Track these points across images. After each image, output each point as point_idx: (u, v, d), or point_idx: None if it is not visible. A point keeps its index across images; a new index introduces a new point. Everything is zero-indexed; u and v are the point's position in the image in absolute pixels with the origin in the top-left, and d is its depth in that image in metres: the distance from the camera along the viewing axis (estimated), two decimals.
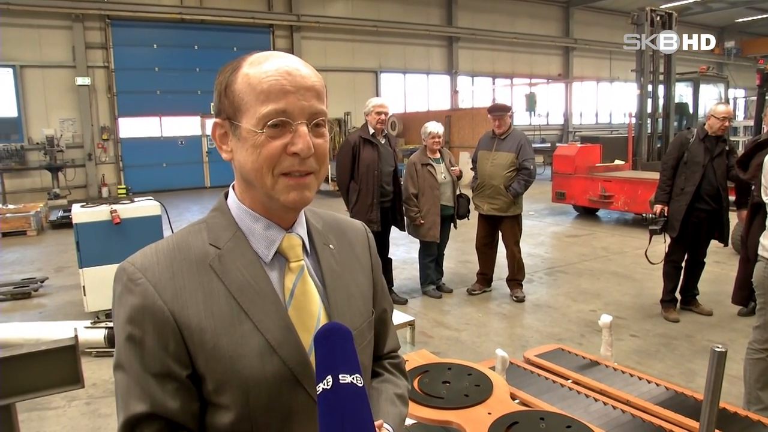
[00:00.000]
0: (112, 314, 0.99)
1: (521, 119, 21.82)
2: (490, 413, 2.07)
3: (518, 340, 4.98)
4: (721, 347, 1.26)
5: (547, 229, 10.20)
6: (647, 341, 4.83)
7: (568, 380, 2.61)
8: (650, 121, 11.97)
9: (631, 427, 2.19)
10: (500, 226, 5.96)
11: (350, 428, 0.83)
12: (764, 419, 2.26)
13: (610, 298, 6.05)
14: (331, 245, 1.12)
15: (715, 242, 5.36)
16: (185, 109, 17.14)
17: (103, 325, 4.69)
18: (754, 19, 27.95)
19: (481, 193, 5.90)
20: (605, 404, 2.34)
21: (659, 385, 2.55)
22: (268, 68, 0.96)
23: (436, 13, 21.80)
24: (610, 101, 27.92)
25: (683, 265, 5.36)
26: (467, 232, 6.99)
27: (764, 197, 3.21)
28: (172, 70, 16.90)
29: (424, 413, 2.12)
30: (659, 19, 11.56)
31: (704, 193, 5.01)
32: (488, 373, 2.39)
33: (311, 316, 1.01)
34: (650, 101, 11.89)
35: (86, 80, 15.52)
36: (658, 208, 5.23)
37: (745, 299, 4.42)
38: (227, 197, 1.06)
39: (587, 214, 11.29)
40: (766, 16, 26.88)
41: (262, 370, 0.94)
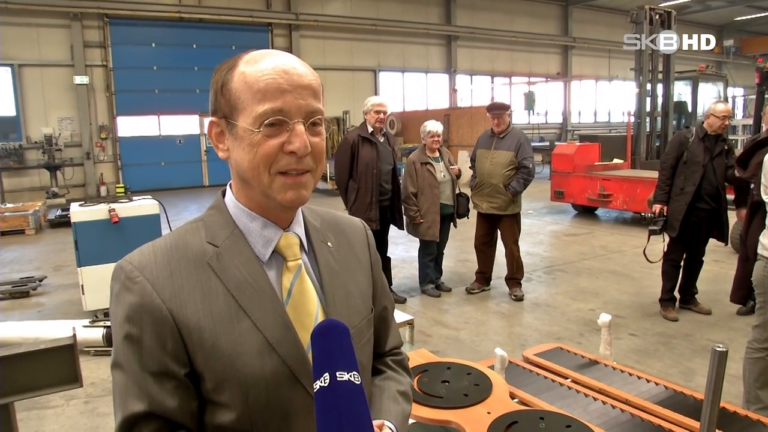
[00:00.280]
0: (109, 313, 0.98)
1: (520, 118, 21.83)
2: (489, 413, 2.07)
3: (517, 339, 4.98)
4: (722, 347, 1.26)
5: (545, 227, 10.20)
6: (646, 340, 4.83)
7: (567, 379, 2.60)
8: (649, 119, 11.98)
9: (630, 426, 2.18)
10: (499, 224, 5.96)
11: (348, 426, 0.83)
12: (764, 418, 2.25)
13: (608, 296, 6.05)
14: (329, 243, 1.12)
15: (713, 241, 5.36)
16: (184, 107, 17.11)
17: (101, 324, 4.70)
18: (753, 17, 27.97)
19: (480, 191, 5.90)
20: (604, 403, 2.34)
21: (658, 384, 2.54)
22: (264, 67, 0.95)
23: (434, 11, 21.78)
24: (608, 100, 27.93)
25: (682, 264, 5.36)
26: (466, 230, 6.99)
27: (764, 196, 3.21)
28: (170, 68, 16.88)
29: (423, 413, 2.11)
30: (658, 17, 11.57)
31: (704, 192, 4.99)
32: (487, 372, 2.38)
33: (309, 314, 1.01)
34: (649, 100, 11.91)
35: (84, 79, 15.50)
36: (657, 207, 5.21)
37: (743, 298, 4.42)
38: (225, 195, 1.06)
39: (586, 212, 11.29)
40: (765, 14, 26.89)
41: (261, 368, 0.94)
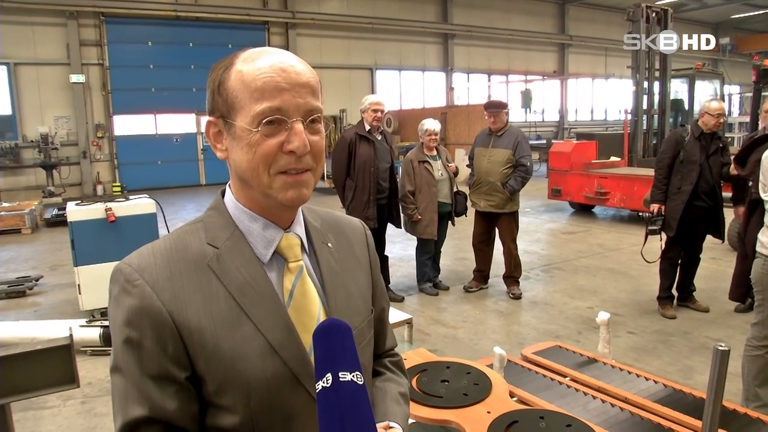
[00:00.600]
0: (108, 316, 0.96)
1: (517, 116, 21.83)
2: (489, 412, 2.06)
3: (515, 337, 4.97)
4: (723, 345, 1.25)
5: (543, 226, 10.21)
6: (644, 338, 4.84)
7: (566, 378, 2.60)
8: (646, 117, 11.99)
9: (629, 424, 2.18)
10: (497, 222, 5.96)
11: (351, 426, 0.82)
12: (763, 416, 2.25)
13: (606, 294, 6.06)
14: (329, 244, 1.11)
15: (711, 239, 5.37)
16: (180, 106, 17.06)
17: (98, 323, 4.66)
18: (748, 15, 28.02)
19: (477, 189, 5.89)
20: (603, 402, 2.33)
21: (657, 382, 2.54)
22: (261, 65, 0.94)
23: (431, 9, 21.76)
24: (605, 98, 27.96)
25: (679, 261, 5.36)
26: (464, 229, 6.98)
27: (762, 194, 3.21)
28: (166, 67, 16.83)
29: (423, 413, 2.10)
30: (655, 15, 11.57)
31: (701, 191, 5.00)
32: (487, 371, 2.38)
33: (311, 316, 1.00)
34: (646, 98, 11.90)
35: (81, 78, 15.43)
36: (655, 207, 5.21)
37: (742, 296, 4.41)
38: (224, 195, 1.05)
39: (583, 210, 11.30)
40: (760, 12, 26.94)
41: (263, 371, 0.93)
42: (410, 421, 2.13)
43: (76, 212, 5.36)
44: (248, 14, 17.62)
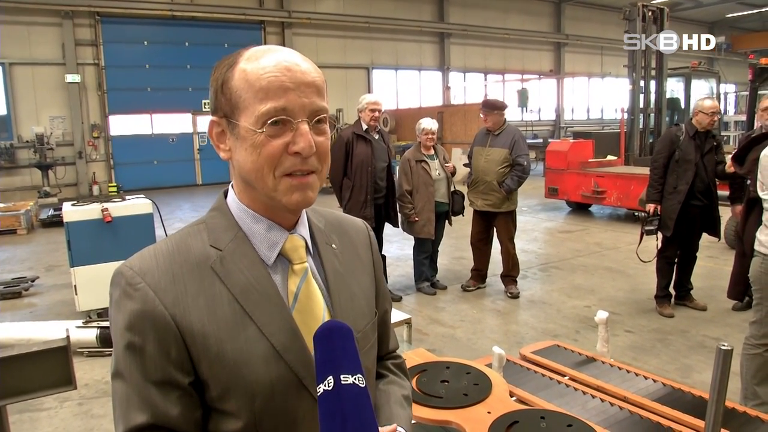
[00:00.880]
0: (109, 320, 0.95)
1: (513, 115, 21.84)
2: (489, 412, 2.05)
3: (513, 336, 4.97)
4: (726, 345, 1.25)
5: (540, 225, 10.21)
6: (642, 337, 4.84)
7: (565, 377, 2.59)
8: (642, 116, 12.00)
9: (629, 423, 2.18)
10: (495, 222, 5.95)
11: (353, 430, 0.81)
12: (762, 415, 2.25)
13: (604, 293, 6.06)
14: (333, 245, 1.09)
15: (707, 237, 5.37)
16: (176, 106, 16.99)
17: (95, 324, 4.65)
18: (744, 14, 28.09)
19: (475, 189, 5.89)
20: (603, 401, 2.33)
21: (656, 381, 2.54)
22: (266, 64, 0.92)
23: (427, 9, 21.76)
24: (601, 97, 28.00)
25: (676, 260, 5.36)
26: (461, 228, 6.98)
27: (760, 193, 3.21)
28: (162, 67, 16.76)
29: (423, 413, 2.09)
30: (651, 14, 11.58)
31: (697, 190, 5.00)
32: (487, 371, 2.37)
33: (315, 319, 0.98)
34: (642, 97, 11.92)
35: (76, 77, 15.38)
36: (651, 207, 5.20)
37: (740, 294, 4.43)
38: (227, 196, 1.03)
39: (580, 209, 11.31)
40: (755, 11, 27.01)
41: (267, 375, 0.91)
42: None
43: (72, 213, 5.33)
44: (244, 14, 17.58)
